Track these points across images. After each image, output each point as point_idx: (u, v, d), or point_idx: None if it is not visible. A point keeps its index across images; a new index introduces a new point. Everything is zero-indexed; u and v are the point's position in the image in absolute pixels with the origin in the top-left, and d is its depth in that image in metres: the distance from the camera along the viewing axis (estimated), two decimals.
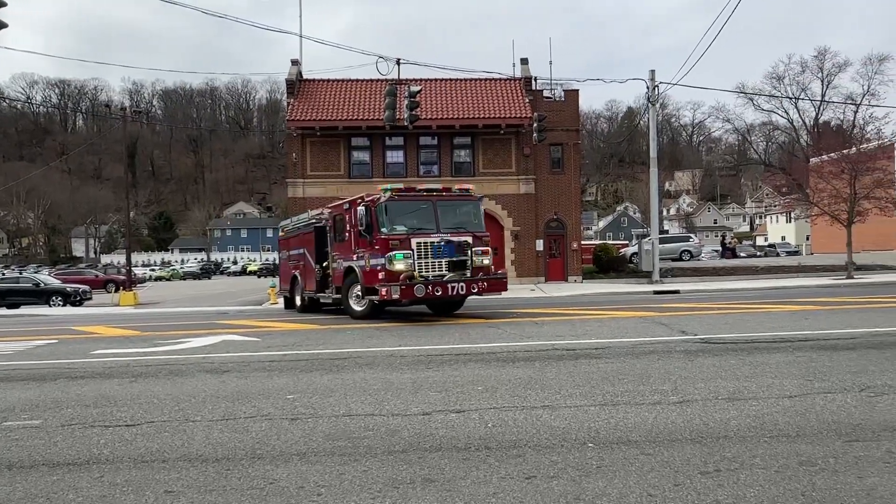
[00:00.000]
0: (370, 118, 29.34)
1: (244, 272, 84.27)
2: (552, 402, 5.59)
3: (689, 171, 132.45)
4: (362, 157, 31.06)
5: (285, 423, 5.23)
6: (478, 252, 14.03)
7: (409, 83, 22.27)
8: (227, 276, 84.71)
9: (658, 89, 26.52)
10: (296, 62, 31.89)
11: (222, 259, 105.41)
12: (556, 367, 7.34)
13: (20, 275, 39.71)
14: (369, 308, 14.17)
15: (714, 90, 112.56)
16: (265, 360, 8.73)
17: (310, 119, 29.93)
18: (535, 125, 25.33)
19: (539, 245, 30.05)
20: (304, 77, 32.11)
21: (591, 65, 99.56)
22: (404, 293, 12.99)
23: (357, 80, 31.70)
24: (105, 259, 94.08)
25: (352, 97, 31.03)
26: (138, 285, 44.35)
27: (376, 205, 13.70)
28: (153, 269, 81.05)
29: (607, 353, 8.24)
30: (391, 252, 13.23)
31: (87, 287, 32.80)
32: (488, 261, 14.34)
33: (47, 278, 35.47)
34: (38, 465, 4.35)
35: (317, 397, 6.15)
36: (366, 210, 13.67)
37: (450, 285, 13.46)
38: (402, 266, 13.19)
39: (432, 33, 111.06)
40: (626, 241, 61.49)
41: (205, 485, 3.85)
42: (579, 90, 32.61)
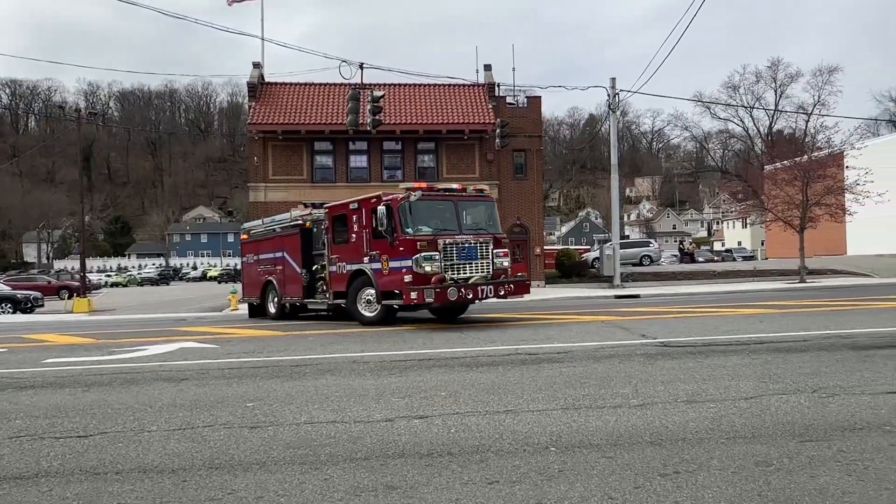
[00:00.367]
0: (333, 122, 29.17)
1: (204, 278, 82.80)
2: (515, 407, 5.60)
3: (648, 177, 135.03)
4: (325, 161, 30.84)
5: (245, 431, 5.12)
6: (498, 254, 13.82)
7: (372, 88, 22.21)
8: (187, 281, 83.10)
9: (618, 97, 26.98)
10: (257, 65, 31.53)
11: (181, 264, 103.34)
12: (519, 372, 7.37)
13: None
14: (382, 313, 13.51)
15: (673, 98, 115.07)
16: (224, 367, 8.57)
17: (272, 122, 29.60)
18: (499, 131, 25.52)
19: None
20: (266, 80, 31.76)
21: (554, 72, 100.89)
22: (438, 296, 12.53)
23: (320, 84, 31.49)
24: (58, 265, 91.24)
25: (314, 101, 30.80)
26: (93, 291, 43.14)
27: (399, 204, 13.05)
28: (109, 275, 79.03)
29: (569, 357, 8.31)
30: (419, 253, 12.62)
31: (38, 294, 31.73)
32: (508, 263, 14.09)
33: None
34: None
35: (277, 405, 6.05)
36: (387, 209, 12.94)
37: (479, 288, 13.15)
38: (431, 268, 12.65)
39: (396, 38, 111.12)
40: (588, 246, 62.30)
41: (160, 496, 3.75)
42: (542, 97, 33.01)
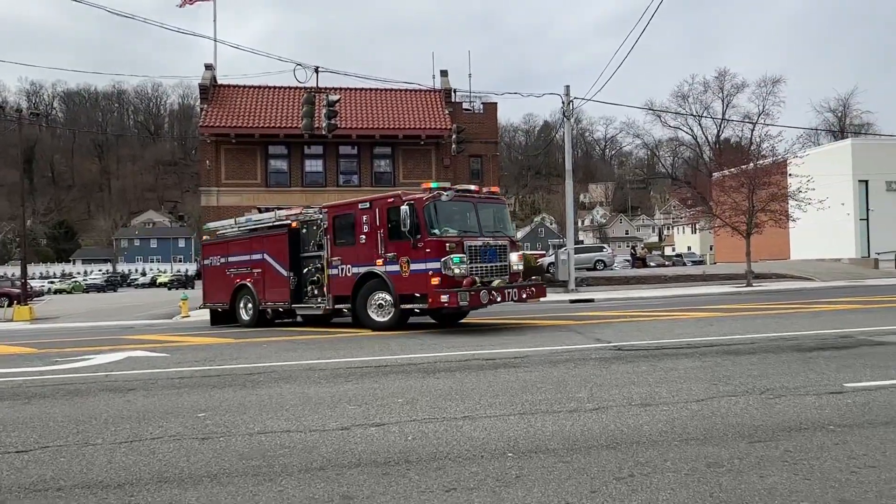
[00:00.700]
0: (288, 126, 28.83)
1: (154, 284, 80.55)
2: (472, 413, 5.59)
3: (602, 183, 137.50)
4: (280, 165, 30.44)
5: (195, 442, 4.98)
6: (513, 257, 13.82)
7: (327, 92, 22.03)
8: (135, 288, 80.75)
9: (573, 104, 27.38)
10: (210, 67, 30.94)
11: (130, 270, 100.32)
12: (476, 377, 7.37)
13: None
14: (396, 318, 13.05)
15: (625, 106, 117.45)
16: (174, 376, 8.33)
17: (224, 125, 29.06)
18: (455, 136, 25.60)
19: None
20: (219, 82, 31.18)
21: (510, 79, 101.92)
22: (473, 300, 12.33)
23: (274, 87, 31.09)
24: None
25: (269, 104, 30.40)
26: (35, 299, 41.51)
27: (425, 204, 12.63)
28: (52, 282, 76.11)
29: (526, 362, 8.36)
30: (449, 255, 12.29)
31: None
32: (521, 266, 14.10)
33: None
34: None
35: (230, 415, 5.90)
36: (410, 209, 12.48)
37: (506, 291, 12.99)
38: (460, 270, 12.37)
39: (352, 43, 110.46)
40: (544, 252, 62.99)
41: None
42: (497, 103, 33.32)
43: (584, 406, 5.68)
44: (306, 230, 15.04)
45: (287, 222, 15.43)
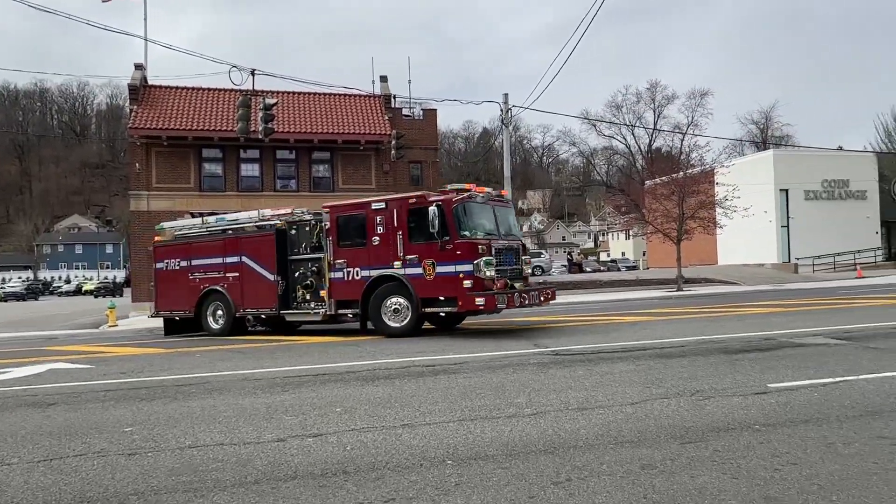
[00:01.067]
0: (223, 129, 28.12)
1: (79, 292, 77.06)
2: (411, 421, 5.56)
3: (540, 190, 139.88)
4: (214, 169, 29.65)
5: (122, 459, 4.76)
6: (525, 260, 13.79)
7: (264, 95, 21.59)
8: (59, 296, 77.09)
9: (511, 112, 27.77)
10: (140, 66, 29.89)
11: (53, 278, 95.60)
12: (415, 384, 7.34)
13: None
14: (413, 322, 12.64)
15: (562, 115, 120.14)
16: (100, 389, 7.95)
17: (155, 127, 28.11)
18: (395, 142, 25.54)
19: None
20: (150, 83, 30.14)
21: (450, 86, 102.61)
22: (510, 302, 12.22)
23: (209, 89, 30.28)
24: None
25: (203, 106, 29.58)
26: None
27: (454, 205, 12.39)
28: None
29: (465, 367, 8.38)
30: (482, 258, 12.11)
31: None
32: (530, 270, 13.92)
33: None
34: None
35: (159, 428, 5.67)
36: (439, 210, 12.22)
37: (531, 293, 13.07)
38: (491, 273, 12.19)
39: (290, 46, 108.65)
40: None
41: None
42: (437, 110, 33.42)
43: (522, 411, 5.73)
44: (296, 231, 14.36)
45: (273, 222, 14.64)
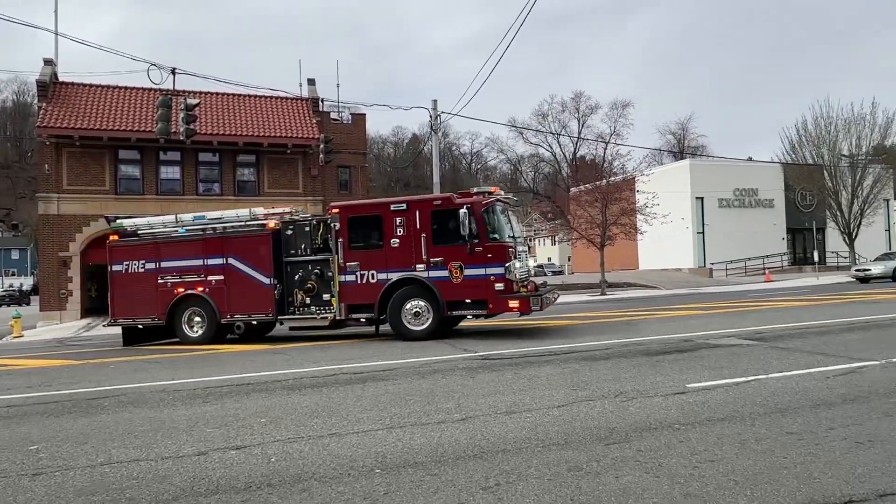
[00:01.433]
0: (141, 130, 26.99)
1: None
2: (339, 430, 5.45)
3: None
4: (132, 171, 28.40)
5: (25, 480, 4.44)
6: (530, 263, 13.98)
7: (186, 95, 20.86)
8: None
9: (440, 118, 27.91)
10: (50, 62, 28.30)
11: None
12: (343, 392, 7.22)
13: None
14: (435, 325, 12.41)
15: (490, 122, 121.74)
16: (2, 404, 7.42)
17: (67, 126, 26.66)
18: (323, 146, 25.17)
19: None
20: (61, 79, 28.58)
21: (380, 91, 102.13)
22: (543, 304, 12.39)
23: (126, 88, 29.01)
24: None
25: (119, 105, 28.29)
26: None
27: (484, 207, 12.36)
28: None
29: (394, 374, 8.32)
30: (513, 260, 12.19)
31: None
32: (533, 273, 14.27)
33: None
34: None
35: (69, 445, 5.34)
36: (469, 213, 12.03)
37: (550, 295, 13.33)
38: (520, 275, 12.30)
39: (213, 46, 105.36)
40: None
41: None
42: (366, 114, 33.21)
43: (451, 417, 5.72)
44: (292, 232, 13.68)
45: (267, 222, 13.91)
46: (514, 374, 7.83)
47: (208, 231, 14.37)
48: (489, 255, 12.12)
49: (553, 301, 13.79)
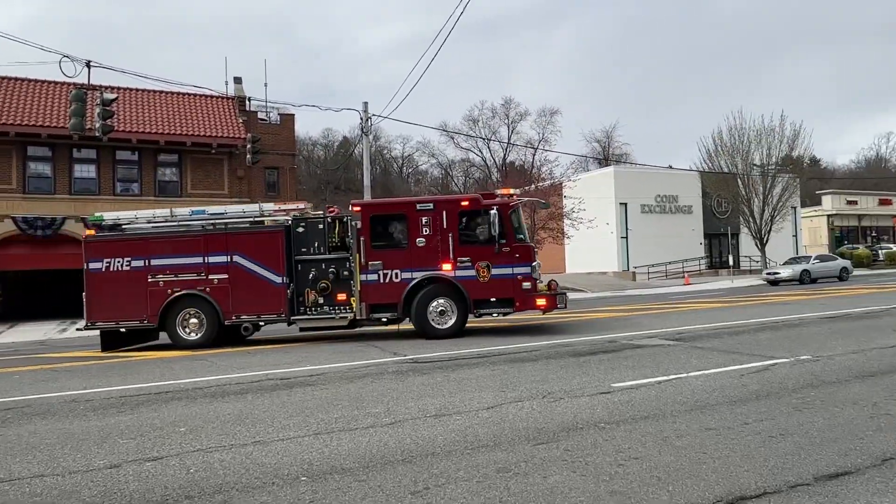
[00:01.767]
0: (53, 125, 25.54)
1: None
2: (264, 437, 5.27)
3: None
4: (42, 169, 26.81)
5: None
6: None
7: (102, 90, 19.89)
8: None
9: (371, 121, 27.71)
10: None
11: None
12: (269, 399, 7.00)
13: None
14: (459, 324, 12.57)
15: (421, 126, 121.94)
16: None
17: None
18: (250, 146, 24.53)
19: None
20: None
21: (310, 93, 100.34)
22: (565, 302, 13.20)
23: (36, 81, 27.38)
24: None
25: (28, 99, 26.69)
26: None
27: (512, 209, 12.84)
28: None
29: (322, 379, 8.15)
30: (537, 260, 12.90)
31: None
32: None
33: None
34: None
35: None
36: (499, 214, 12.42)
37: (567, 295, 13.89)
38: (539, 275, 12.85)
39: (137, 42, 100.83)
40: None
41: None
42: (295, 115, 32.57)
43: (380, 421, 5.64)
44: (304, 229, 13.19)
45: (280, 218, 13.39)
46: (443, 377, 7.81)
47: (209, 227, 13.52)
48: (517, 255, 12.59)
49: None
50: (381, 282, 12.82)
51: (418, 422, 5.56)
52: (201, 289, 13.11)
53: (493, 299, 12.62)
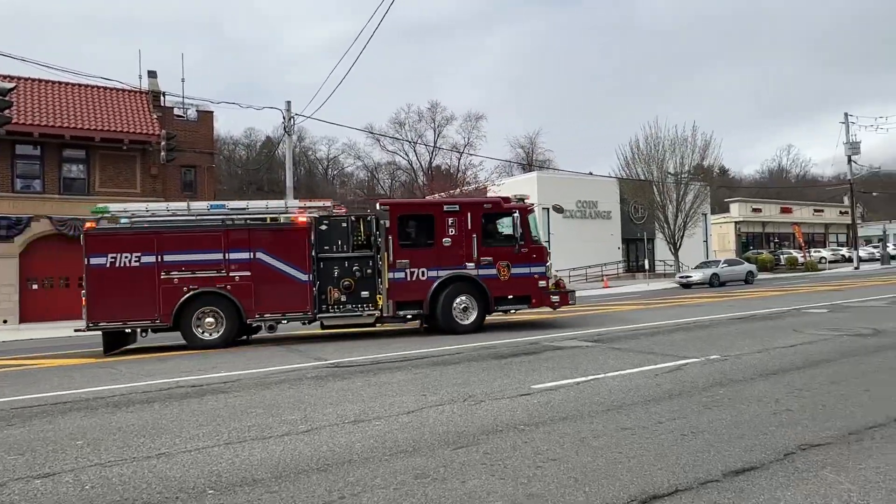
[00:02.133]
0: None
1: None
2: (169, 449, 4.97)
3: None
4: None
5: None
6: None
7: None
8: None
9: (294, 121, 27.13)
10: None
11: None
12: (178, 407, 6.64)
13: None
14: (480, 320, 13.28)
15: (346, 128, 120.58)
16: None
17: None
18: (164, 143, 23.50)
19: None
20: None
21: (236, 92, 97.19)
22: (575, 300, 14.02)
23: None
24: None
25: None
26: None
27: (529, 212, 13.63)
28: None
29: (237, 386, 7.82)
30: (550, 261, 13.69)
31: None
32: None
33: None
34: None
35: None
36: (520, 216, 13.47)
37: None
38: (551, 274, 13.61)
39: (40, 28, 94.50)
40: None
41: None
42: (214, 112, 31.43)
43: (296, 428, 5.44)
44: (328, 227, 13.16)
45: (305, 216, 13.15)
46: (364, 382, 7.65)
47: (228, 222, 13.04)
48: (533, 255, 13.51)
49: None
50: (409, 280, 13.15)
51: (336, 428, 5.39)
52: (221, 286, 12.61)
53: (512, 296, 13.38)
